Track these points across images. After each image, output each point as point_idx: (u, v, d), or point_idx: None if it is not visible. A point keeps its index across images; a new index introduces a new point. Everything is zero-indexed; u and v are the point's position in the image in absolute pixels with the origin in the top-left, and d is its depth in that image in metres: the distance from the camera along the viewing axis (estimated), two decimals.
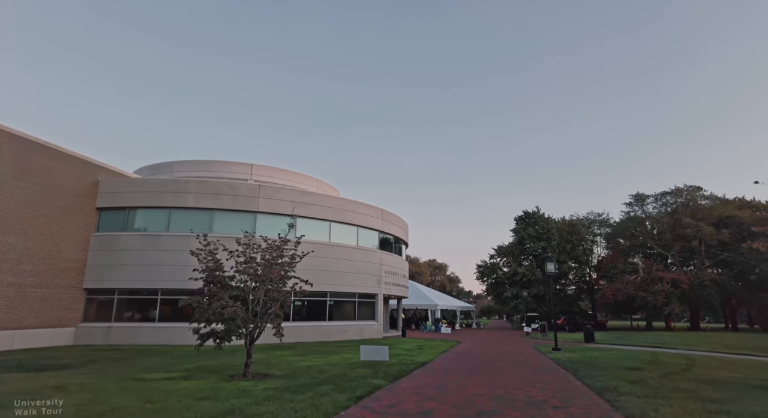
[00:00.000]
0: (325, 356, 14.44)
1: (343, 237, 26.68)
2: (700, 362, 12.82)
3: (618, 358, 14.10)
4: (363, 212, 28.15)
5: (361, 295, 27.10)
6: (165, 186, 23.07)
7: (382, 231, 29.67)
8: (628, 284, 39.44)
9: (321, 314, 25.34)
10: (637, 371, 10.64)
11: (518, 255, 47.35)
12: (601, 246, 53.02)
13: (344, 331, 25.38)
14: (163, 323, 20.74)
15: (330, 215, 25.93)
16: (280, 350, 17.41)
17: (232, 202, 23.31)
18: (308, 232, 25.26)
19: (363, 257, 27.35)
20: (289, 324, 23.66)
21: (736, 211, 42.38)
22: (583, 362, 12.87)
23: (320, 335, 24.21)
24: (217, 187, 23.38)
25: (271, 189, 24.44)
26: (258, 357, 14.47)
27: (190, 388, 7.88)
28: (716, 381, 9.03)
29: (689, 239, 41.31)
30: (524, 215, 48.55)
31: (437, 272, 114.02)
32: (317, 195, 26.07)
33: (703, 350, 18.18)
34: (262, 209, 23.72)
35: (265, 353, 15.90)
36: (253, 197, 23.68)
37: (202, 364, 12.21)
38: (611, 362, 12.88)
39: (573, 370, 10.88)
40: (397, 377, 9.86)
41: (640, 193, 46.97)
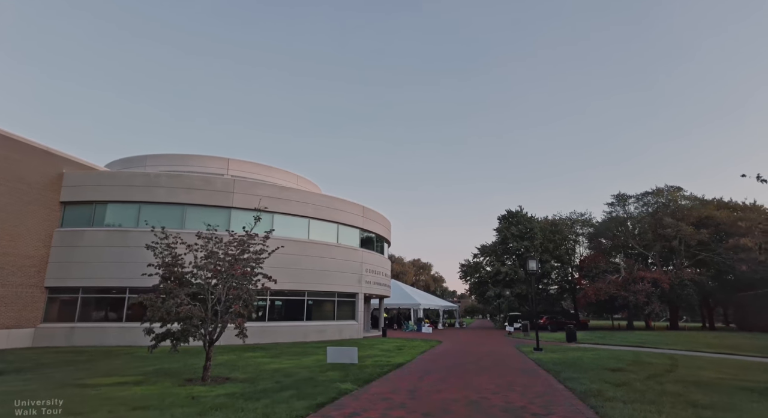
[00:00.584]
0: (298, 358, 13.71)
1: (323, 235, 25.93)
2: (683, 362, 12.47)
3: (600, 358, 13.69)
4: (344, 209, 27.43)
5: (341, 294, 26.38)
6: (134, 180, 22.01)
7: (363, 229, 28.99)
8: (610, 283, 39.52)
9: (298, 313, 24.53)
10: (620, 372, 10.19)
11: (501, 254, 47.15)
12: (583, 246, 53.27)
13: (322, 331, 24.63)
14: (131, 323, 19.66)
15: (309, 211, 25.14)
16: (252, 351, 16.60)
17: (206, 197, 22.37)
18: (286, 229, 24.51)
19: (343, 255, 26.64)
20: (265, 324, 22.85)
21: (715, 211, 42.89)
22: (564, 362, 12.41)
23: (297, 336, 23.43)
24: (189, 181, 22.40)
25: (247, 184, 23.55)
26: (227, 359, 13.69)
27: (135, 395, 7.09)
28: (703, 383, 8.60)
29: (669, 239, 41.62)
30: (507, 214, 48.36)
31: (422, 272, 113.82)
32: (296, 191, 25.24)
33: (685, 350, 17.97)
34: (237, 204, 22.81)
35: (236, 354, 15.10)
36: (227, 192, 22.77)
37: (163, 366, 11.38)
38: (594, 362, 12.44)
39: (554, 372, 10.36)
40: (368, 380, 9.20)
41: (621, 193, 47.24)
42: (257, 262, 10.97)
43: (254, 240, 11.02)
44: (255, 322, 22.84)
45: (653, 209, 44.94)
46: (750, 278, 40.22)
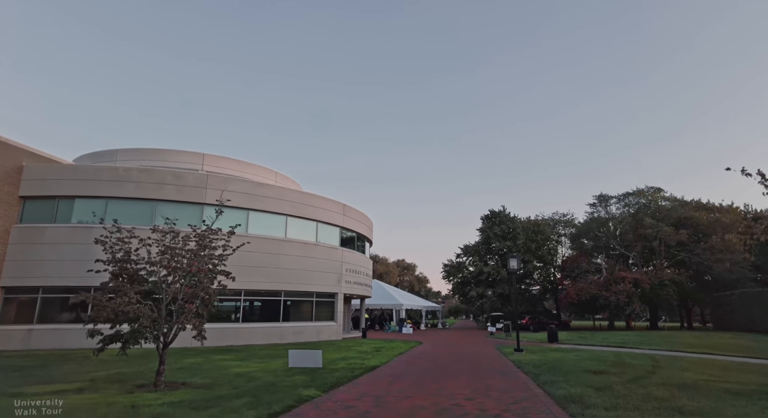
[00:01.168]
0: (267, 361, 12.97)
1: (302, 233, 25.17)
2: (665, 363, 12.12)
3: (582, 359, 13.29)
4: (323, 207, 26.71)
5: (320, 294, 25.65)
6: (101, 174, 20.95)
7: (344, 227, 28.31)
8: (592, 283, 39.59)
9: (275, 314, 23.73)
10: (602, 374, 9.73)
11: (484, 254, 46.96)
12: (565, 246, 53.47)
13: (300, 332, 23.87)
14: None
15: (287, 209, 24.37)
16: (223, 353, 15.77)
17: (177, 193, 21.44)
18: (262, 227, 23.68)
19: (322, 255, 25.92)
20: (239, 326, 22.02)
21: (694, 212, 43.37)
22: (545, 364, 11.95)
23: (273, 338, 22.64)
24: (160, 176, 21.45)
25: (220, 179, 22.66)
26: (192, 362, 12.88)
27: (66, 405, 6.31)
28: (688, 386, 8.18)
29: (650, 240, 41.91)
30: (490, 214, 48.22)
31: (406, 272, 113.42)
32: (272, 187, 24.43)
33: (666, 350, 17.75)
34: (210, 200, 21.89)
35: (204, 357, 14.28)
36: (200, 188, 21.88)
37: (119, 371, 10.54)
38: (575, 364, 12.01)
39: (534, 374, 9.86)
40: (335, 385, 8.56)
41: (603, 194, 47.48)
42: (220, 259, 10.24)
43: (216, 235, 10.27)
44: (229, 323, 22.02)
45: (634, 210, 45.27)
46: (726, 279, 40.77)
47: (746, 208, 49.70)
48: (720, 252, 40.02)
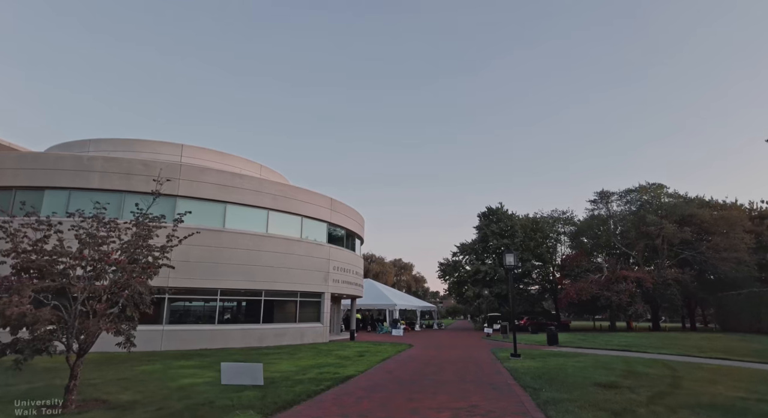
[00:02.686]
0: None
1: (285, 228, 23.51)
2: (684, 372, 10.52)
3: (587, 367, 11.69)
4: (308, 201, 25.05)
5: (305, 294, 23.98)
6: (63, 163, 19.28)
7: (331, 223, 26.65)
8: (593, 283, 37.99)
9: (254, 315, 22.08)
10: (615, 389, 8.11)
11: (481, 253, 45.38)
12: (565, 245, 51.86)
13: (281, 335, 22.22)
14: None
15: (267, 202, 22.70)
16: (187, 359, 14.13)
17: (148, 184, 19.61)
18: (241, 221, 21.98)
19: (308, 251, 24.25)
20: (214, 328, 20.35)
21: (697, 209, 41.81)
22: (545, 374, 10.35)
23: (251, 340, 20.98)
24: (128, 165, 19.77)
25: (194, 170, 21.00)
26: (144, 370, 11.24)
27: None
28: (726, 407, 6.56)
29: (653, 237, 40.34)
30: (488, 212, 46.63)
31: (403, 272, 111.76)
32: (251, 178, 22.73)
33: (676, 354, 16.18)
34: (183, 192, 20.30)
35: (162, 364, 12.63)
36: (172, 179, 20.14)
37: (35, 386, 8.85)
38: (579, 373, 10.40)
39: (532, 389, 8.23)
40: (288, 404, 6.92)
41: (604, 190, 45.85)
42: (163, 251, 8.65)
43: (157, 223, 8.66)
44: (203, 325, 20.38)
45: (636, 207, 43.68)
46: (732, 278, 39.26)
47: (751, 205, 48.28)
48: (725, 250, 38.52)
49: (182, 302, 20.52)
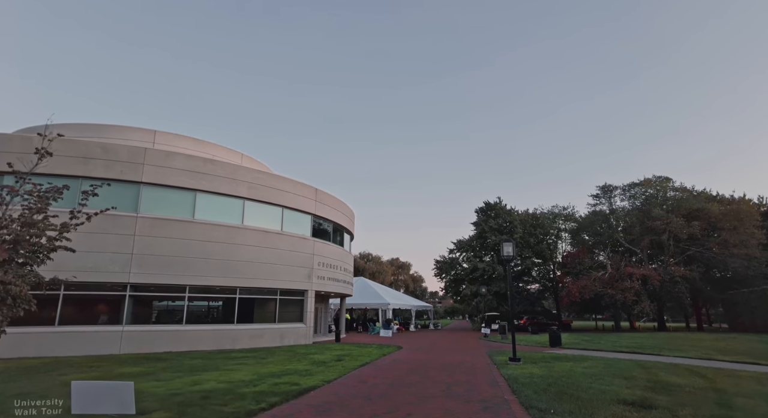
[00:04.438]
0: (167, 380, 9.35)
1: (263, 220, 21.58)
2: (723, 383, 8.56)
3: (600, 375, 9.75)
4: (291, 191, 23.10)
5: (285, 291, 22.06)
6: (9, 144, 17.19)
7: (316, 215, 24.68)
8: (596, 280, 36.01)
9: (227, 315, 20.17)
10: (649, 411, 6.13)
11: (479, 250, 43.43)
12: (566, 242, 49.87)
13: (258, 336, 20.28)
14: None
15: (243, 191, 20.75)
16: (140, 364, 12.17)
17: (107, 170, 17.78)
18: (214, 212, 19.97)
19: (289, 246, 22.31)
20: (181, 328, 18.37)
21: (705, 203, 39.85)
22: (552, 385, 8.41)
23: (224, 342, 19.05)
24: (85, 149, 17.78)
25: (160, 154, 19.02)
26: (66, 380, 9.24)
27: None
28: None
29: (659, 233, 38.38)
30: (485, 207, 44.67)
31: (400, 271, 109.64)
32: (225, 165, 20.75)
33: (697, 358, 14.28)
34: (148, 179, 18.35)
35: (102, 371, 10.70)
36: (135, 164, 18.25)
37: None
38: (595, 384, 8.46)
39: (538, 411, 6.17)
40: None
41: (607, 184, 43.86)
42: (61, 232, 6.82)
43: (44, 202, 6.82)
44: (169, 325, 18.41)
45: (641, 202, 41.69)
46: (742, 275, 37.37)
47: (760, 200, 46.36)
48: (734, 246, 36.61)
49: (146, 300, 18.52)
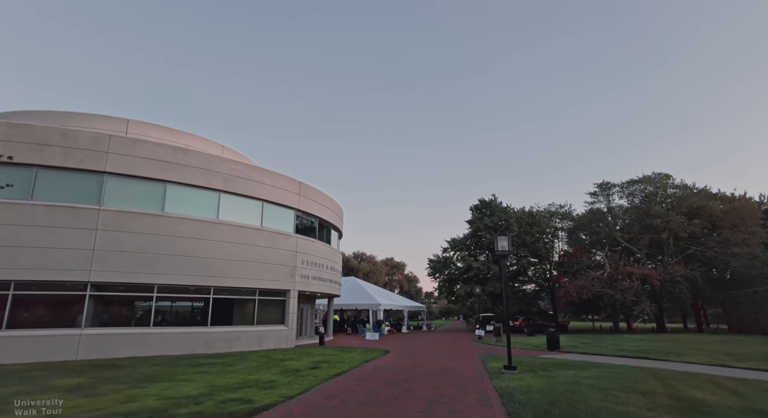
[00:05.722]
0: (105, 394, 7.84)
1: (241, 214, 20.10)
2: (763, 402, 7.17)
3: (610, 388, 8.35)
4: (272, 184, 21.62)
5: (265, 291, 20.57)
6: None
7: (300, 210, 23.20)
8: (594, 280, 34.71)
9: (200, 316, 18.67)
10: None
11: (473, 249, 42.07)
12: (562, 241, 48.59)
13: (234, 339, 18.78)
14: None
15: (218, 183, 19.25)
16: (78, 374, 10.65)
17: (65, 158, 16.26)
18: (184, 205, 18.35)
19: (270, 242, 20.83)
20: (147, 331, 16.79)
21: (707, 201, 38.67)
22: (553, 404, 6.99)
23: (196, 346, 17.54)
24: (42, 135, 16.24)
25: (126, 142, 17.47)
26: None
27: None
28: None
29: (659, 231, 37.15)
30: (480, 204, 43.34)
31: (395, 271, 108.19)
32: (199, 154, 19.20)
33: (711, 364, 12.96)
34: (112, 168, 16.84)
35: (27, 386, 9.15)
36: (98, 152, 16.71)
37: None
38: (605, 402, 7.03)
39: None
40: None
41: (605, 181, 42.65)
42: None
43: None
44: (134, 328, 16.84)
45: (640, 199, 40.45)
46: (744, 275, 36.21)
47: (761, 198, 45.31)
48: (736, 245, 35.45)
49: (109, 300, 16.95)
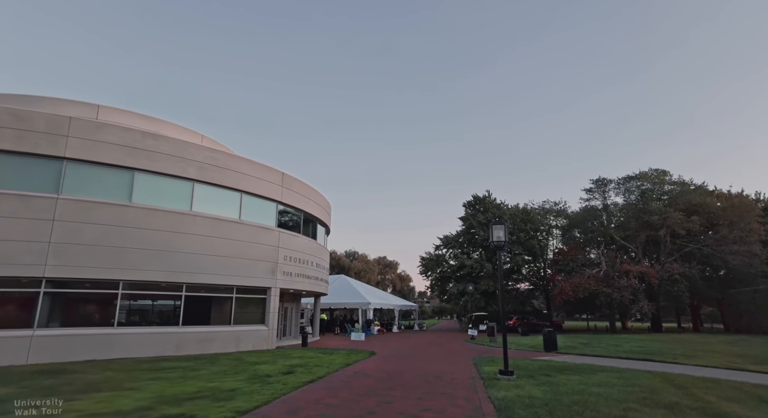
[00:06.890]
0: (23, 409, 6.46)
1: (217, 206, 18.70)
2: None
3: (625, 399, 7.12)
4: (252, 174, 20.23)
5: (244, 289, 19.18)
6: None
7: (283, 203, 21.83)
8: (590, 278, 33.66)
9: (171, 315, 17.25)
10: None
11: (466, 246, 40.91)
12: (557, 239, 47.58)
13: (209, 340, 17.40)
14: None
15: (192, 171, 17.83)
16: (17, 384, 9.23)
17: (19, 142, 14.76)
18: (154, 195, 16.83)
19: (249, 236, 19.44)
20: (113, 331, 15.35)
21: (705, 198, 37.81)
22: None
23: (166, 347, 16.14)
24: None
25: (89, 125, 16.01)
26: None
27: None
28: None
29: (656, 228, 36.19)
30: (473, 201, 42.18)
31: (387, 270, 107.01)
32: (170, 140, 17.73)
33: (727, 368, 11.88)
34: (72, 154, 15.38)
35: None
36: (56, 136, 15.23)
37: None
38: None
39: None
40: None
41: (601, 177, 41.61)
42: None
43: None
44: (96, 328, 15.35)
45: (636, 196, 39.50)
46: (743, 273, 35.39)
47: (757, 196, 44.66)
48: (734, 243, 34.60)
49: (68, 298, 15.46)
